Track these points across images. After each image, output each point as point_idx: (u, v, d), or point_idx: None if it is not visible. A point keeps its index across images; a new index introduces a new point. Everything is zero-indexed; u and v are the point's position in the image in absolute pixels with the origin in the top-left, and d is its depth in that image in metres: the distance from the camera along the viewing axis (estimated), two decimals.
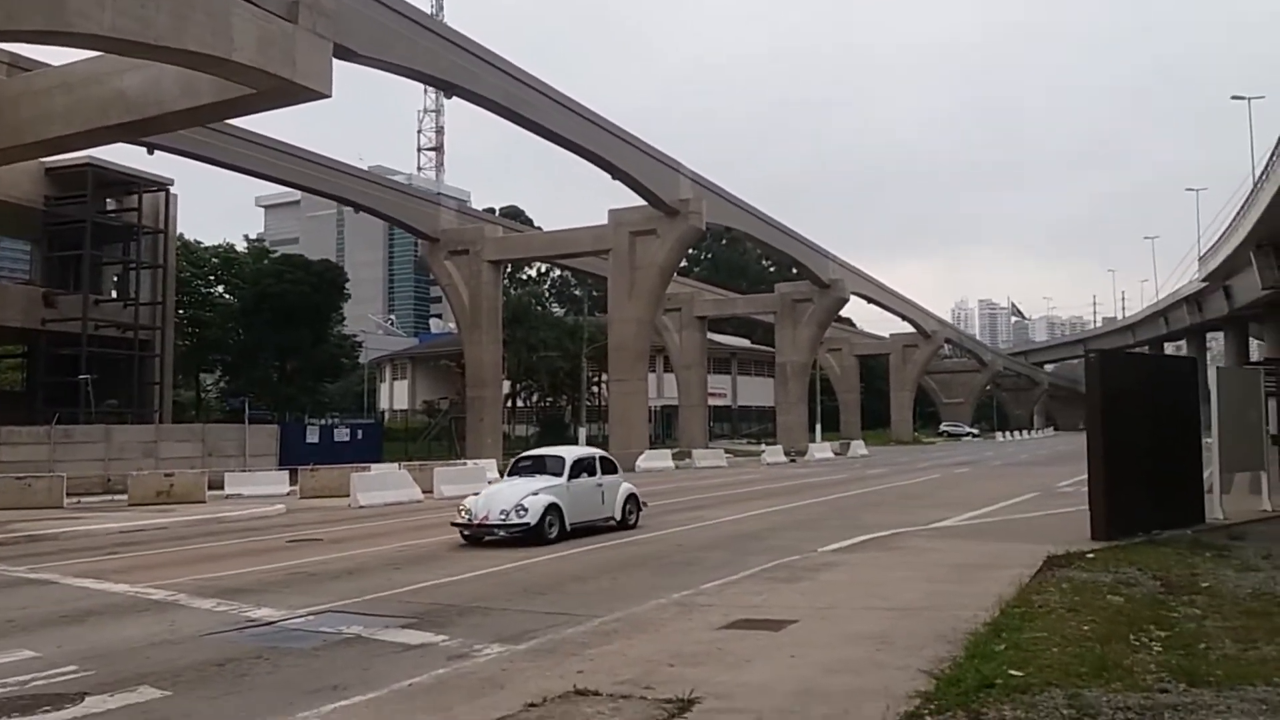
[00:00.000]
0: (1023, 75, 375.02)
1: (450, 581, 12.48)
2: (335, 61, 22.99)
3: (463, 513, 16.00)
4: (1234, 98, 63.70)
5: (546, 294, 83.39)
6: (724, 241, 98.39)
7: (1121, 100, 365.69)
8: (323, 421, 44.52)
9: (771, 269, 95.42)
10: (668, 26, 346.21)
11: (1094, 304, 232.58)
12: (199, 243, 58.49)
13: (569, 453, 17.60)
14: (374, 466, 30.09)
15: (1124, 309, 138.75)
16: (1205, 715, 5.53)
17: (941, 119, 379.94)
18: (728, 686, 6.48)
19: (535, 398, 69.22)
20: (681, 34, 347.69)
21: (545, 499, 15.66)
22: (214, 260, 57.51)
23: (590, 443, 48.09)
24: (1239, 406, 15.92)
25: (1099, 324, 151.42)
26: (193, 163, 35.56)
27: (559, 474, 16.37)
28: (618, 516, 17.27)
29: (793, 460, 47.49)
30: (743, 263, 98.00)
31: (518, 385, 65.90)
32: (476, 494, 16.94)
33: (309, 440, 37.31)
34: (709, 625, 8.68)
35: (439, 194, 59.09)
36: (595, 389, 64.53)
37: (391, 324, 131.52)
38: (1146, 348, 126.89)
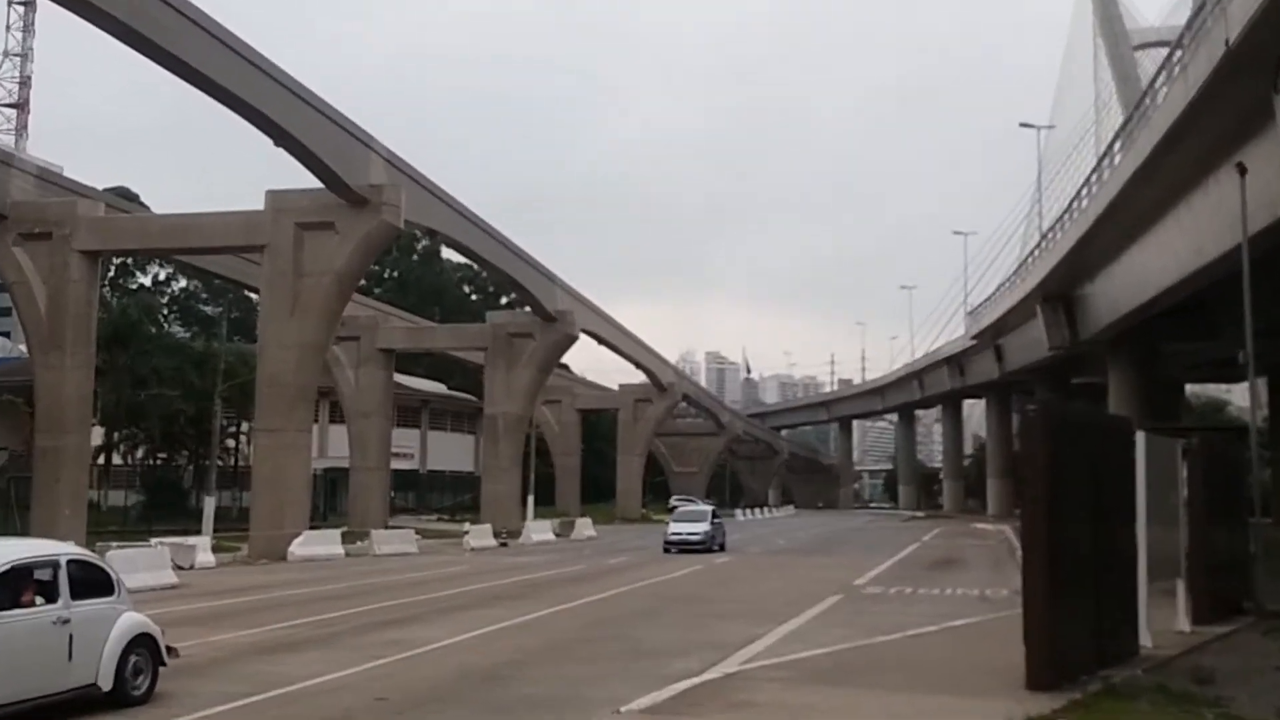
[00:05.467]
0: (769, 103, 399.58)
1: None
2: None
3: None
4: (1022, 125, 69.22)
5: (166, 310, 76.16)
6: (415, 256, 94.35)
7: (874, 140, 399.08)
8: None
9: (475, 296, 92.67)
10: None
11: (832, 363, 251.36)
12: None
13: None
14: None
15: (865, 370, 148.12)
16: None
17: (679, 151, 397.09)
18: None
19: (142, 452, 61.58)
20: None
21: None
22: None
23: (223, 517, 42.32)
24: (1163, 490, 14.48)
25: (835, 385, 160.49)
26: None
27: None
28: (106, 683, 10.84)
29: (504, 544, 44.17)
30: (440, 284, 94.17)
31: (116, 434, 58.47)
32: None
33: None
34: None
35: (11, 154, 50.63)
36: (233, 441, 58.65)
37: None
38: (896, 415, 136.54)
